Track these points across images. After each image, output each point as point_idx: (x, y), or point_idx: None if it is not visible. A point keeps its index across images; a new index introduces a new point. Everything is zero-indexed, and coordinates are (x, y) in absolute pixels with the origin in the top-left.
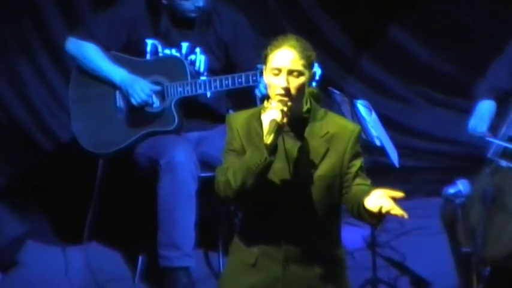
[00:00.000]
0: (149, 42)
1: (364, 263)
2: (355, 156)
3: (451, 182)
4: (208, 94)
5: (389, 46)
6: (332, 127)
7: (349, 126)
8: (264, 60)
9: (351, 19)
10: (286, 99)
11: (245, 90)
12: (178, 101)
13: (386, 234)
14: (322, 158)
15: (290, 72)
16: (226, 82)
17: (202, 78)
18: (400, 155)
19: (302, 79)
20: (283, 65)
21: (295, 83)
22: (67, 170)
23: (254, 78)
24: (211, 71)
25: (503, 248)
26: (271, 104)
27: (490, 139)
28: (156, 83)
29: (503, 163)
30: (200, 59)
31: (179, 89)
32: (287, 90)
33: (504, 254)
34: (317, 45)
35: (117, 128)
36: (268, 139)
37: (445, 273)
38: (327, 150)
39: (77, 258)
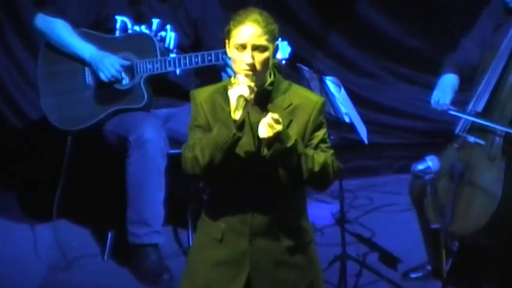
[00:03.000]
0: (119, 18)
1: (333, 239)
2: (317, 127)
3: (420, 158)
4: (178, 71)
5: (358, 22)
6: (295, 99)
7: (313, 98)
8: (227, 35)
9: None
10: (251, 74)
11: (214, 67)
12: (148, 78)
13: (355, 211)
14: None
15: (254, 48)
16: (196, 60)
17: (172, 55)
18: (369, 132)
19: (267, 53)
20: (247, 41)
21: (260, 57)
22: (36, 146)
23: (224, 56)
24: (181, 48)
25: (471, 223)
26: (238, 79)
27: (453, 112)
28: (126, 59)
29: (471, 139)
30: (170, 36)
31: (148, 66)
32: (252, 66)
33: (472, 229)
34: (285, 22)
35: (86, 105)
36: (236, 115)
37: (414, 249)
38: (290, 121)
39: (46, 235)
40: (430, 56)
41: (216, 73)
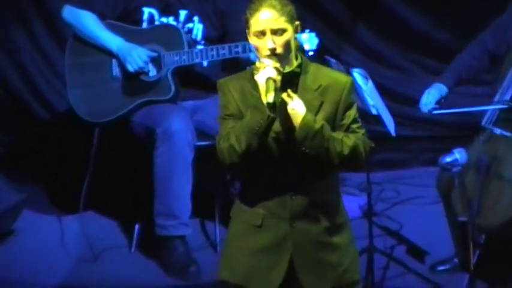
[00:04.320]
0: (146, 10)
1: (361, 232)
2: (348, 106)
3: (447, 150)
4: (205, 63)
5: (386, 14)
6: (324, 80)
7: (342, 78)
8: (246, 25)
9: None
10: (275, 58)
11: (241, 59)
12: (175, 70)
13: (382, 203)
14: (318, 111)
15: (274, 32)
16: (223, 51)
17: (199, 47)
18: (396, 124)
19: (287, 35)
20: (265, 26)
21: (280, 40)
22: (63, 138)
23: (251, 47)
24: (208, 39)
25: (499, 216)
26: (263, 62)
27: (437, 111)
28: (153, 51)
29: (497, 131)
30: (198, 28)
31: (175, 58)
32: (274, 50)
33: (499, 222)
34: (313, 14)
35: (113, 97)
36: (269, 97)
37: (442, 242)
38: (322, 102)
39: (73, 227)
40: (457, 49)
41: (244, 65)
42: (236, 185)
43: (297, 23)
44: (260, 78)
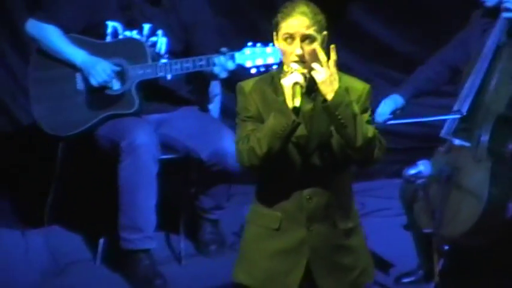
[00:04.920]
0: (110, 24)
1: None
2: (364, 110)
3: (412, 162)
4: (169, 77)
5: (350, 26)
6: (343, 85)
7: (360, 84)
8: (275, 28)
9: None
10: (302, 65)
11: (205, 72)
12: (139, 84)
13: None
14: None
15: (303, 39)
16: (187, 65)
17: (163, 60)
18: None
19: (315, 44)
20: (296, 31)
21: (309, 48)
22: (27, 152)
23: (214, 61)
24: (172, 53)
25: (461, 226)
26: (291, 67)
27: (391, 121)
28: (117, 65)
29: (456, 141)
30: (162, 41)
31: (139, 72)
32: (302, 57)
33: (462, 231)
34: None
35: (77, 111)
36: (296, 102)
37: (407, 254)
38: None
39: (37, 241)
40: (422, 61)
41: (208, 78)
42: (201, 198)
43: (325, 33)
44: (287, 82)
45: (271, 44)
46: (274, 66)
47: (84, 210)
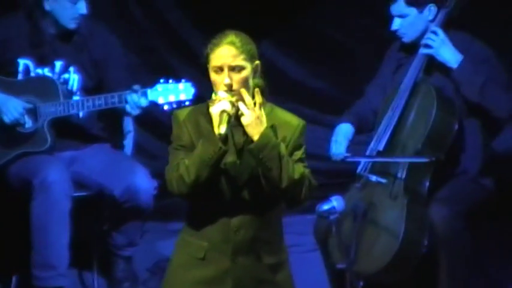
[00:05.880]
0: (21, 62)
1: None
2: (296, 147)
3: (324, 198)
4: (81, 114)
5: (263, 63)
6: (278, 121)
7: (295, 121)
8: (205, 60)
9: None
10: (231, 93)
11: (117, 109)
12: (51, 121)
13: None
14: None
15: (231, 68)
16: (100, 102)
17: (75, 97)
18: None
19: (244, 73)
20: (224, 62)
21: (237, 77)
22: None
23: (126, 98)
24: (85, 89)
25: (375, 262)
26: (219, 95)
27: (351, 159)
28: (29, 102)
29: (373, 178)
30: (74, 78)
31: (52, 109)
32: (230, 86)
33: (376, 268)
34: (190, 63)
35: None
36: (221, 129)
37: None
38: None
39: None
40: (333, 97)
41: (120, 115)
42: (114, 235)
43: (257, 62)
44: (214, 110)
45: (183, 80)
46: (187, 103)
47: None
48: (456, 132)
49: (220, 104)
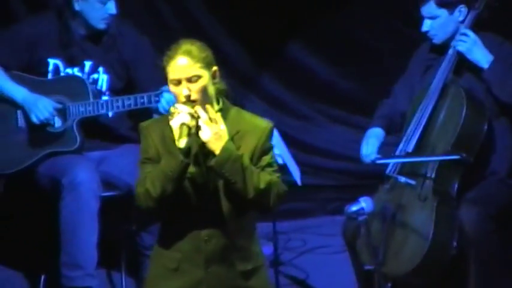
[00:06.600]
0: (51, 61)
1: None
2: (264, 152)
3: (353, 199)
4: (110, 114)
5: (290, 64)
6: (244, 125)
7: (262, 124)
8: (164, 72)
9: (251, 37)
10: (191, 104)
11: (146, 109)
12: (80, 121)
13: (289, 253)
14: None
15: (188, 80)
16: (129, 102)
17: (104, 97)
18: (302, 173)
19: (202, 82)
20: (180, 75)
21: (195, 87)
22: None
23: (156, 98)
24: (113, 90)
25: (404, 264)
26: (177, 108)
27: (381, 161)
28: (58, 102)
29: (402, 179)
30: (103, 78)
31: (81, 109)
32: (189, 97)
33: (405, 270)
34: (218, 63)
35: (18, 148)
36: (181, 142)
37: None
38: (239, 147)
39: None
40: (362, 98)
41: (149, 115)
42: (143, 235)
43: (215, 68)
44: (174, 123)
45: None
46: None
47: (25, 247)
48: (486, 133)
49: (179, 117)
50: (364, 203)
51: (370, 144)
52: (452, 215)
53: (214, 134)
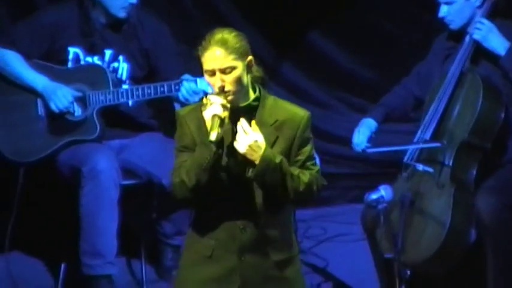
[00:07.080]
0: (71, 50)
1: None
2: (304, 142)
3: (373, 188)
4: (130, 103)
5: (310, 52)
6: (281, 114)
7: (299, 113)
8: (199, 62)
9: (271, 25)
10: (223, 95)
11: (167, 98)
12: (100, 109)
13: (309, 241)
14: (272, 146)
15: (222, 71)
16: (149, 91)
17: (125, 86)
18: (322, 161)
19: (236, 72)
20: (213, 66)
21: (229, 78)
22: None
23: (176, 87)
24: (134, 79)
25: (422, 252)
26: (209, 99)
27: (371, 149)
28: (78, 91)
29: (420, 167)
30: (123, 67)
31: (101, 98)
32: (222, 88)
33: (423, 258)
34: None
35: (38, 136)
36: (212, 135)
37: (367, 279)
38: (277, 138)
39: None
40: (382, 86)
41: (169, 104)
42: (163, 223)
43: (250, 57)
44: (206, 114)
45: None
46: None
47: (45, 236)
48: (503, 121)
49: (211, 108)
50: (384, 191)
51: (361, 134)
52: (470, 202)
53: (250, 145)
